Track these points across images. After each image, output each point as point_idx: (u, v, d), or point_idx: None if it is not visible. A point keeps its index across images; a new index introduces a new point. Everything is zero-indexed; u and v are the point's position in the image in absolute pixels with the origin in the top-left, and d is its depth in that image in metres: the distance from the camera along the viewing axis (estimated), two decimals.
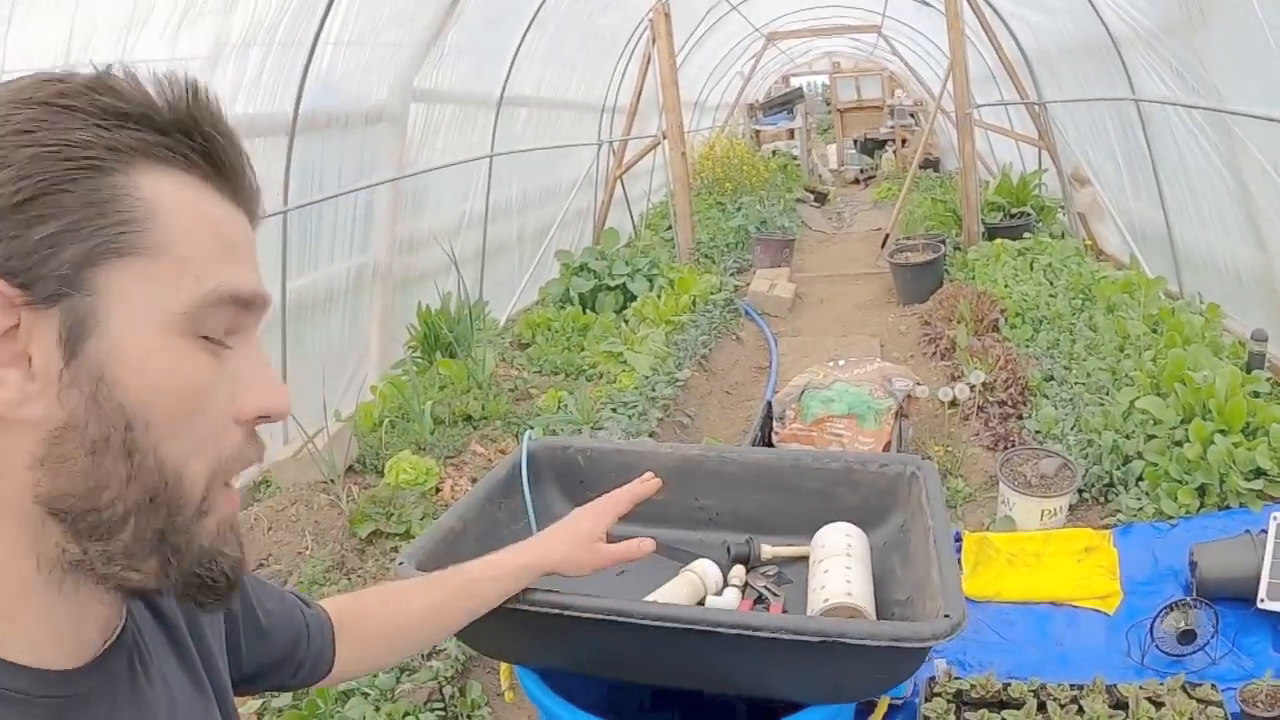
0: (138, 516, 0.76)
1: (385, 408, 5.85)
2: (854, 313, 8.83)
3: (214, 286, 0.77)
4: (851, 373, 4.91)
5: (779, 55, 21.74)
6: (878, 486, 2.18)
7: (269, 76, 5.04)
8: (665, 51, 9.28)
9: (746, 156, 14.71)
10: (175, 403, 0.76)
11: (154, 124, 0.76)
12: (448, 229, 7.63)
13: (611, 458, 2.37)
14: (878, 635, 1.55)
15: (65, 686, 0.82)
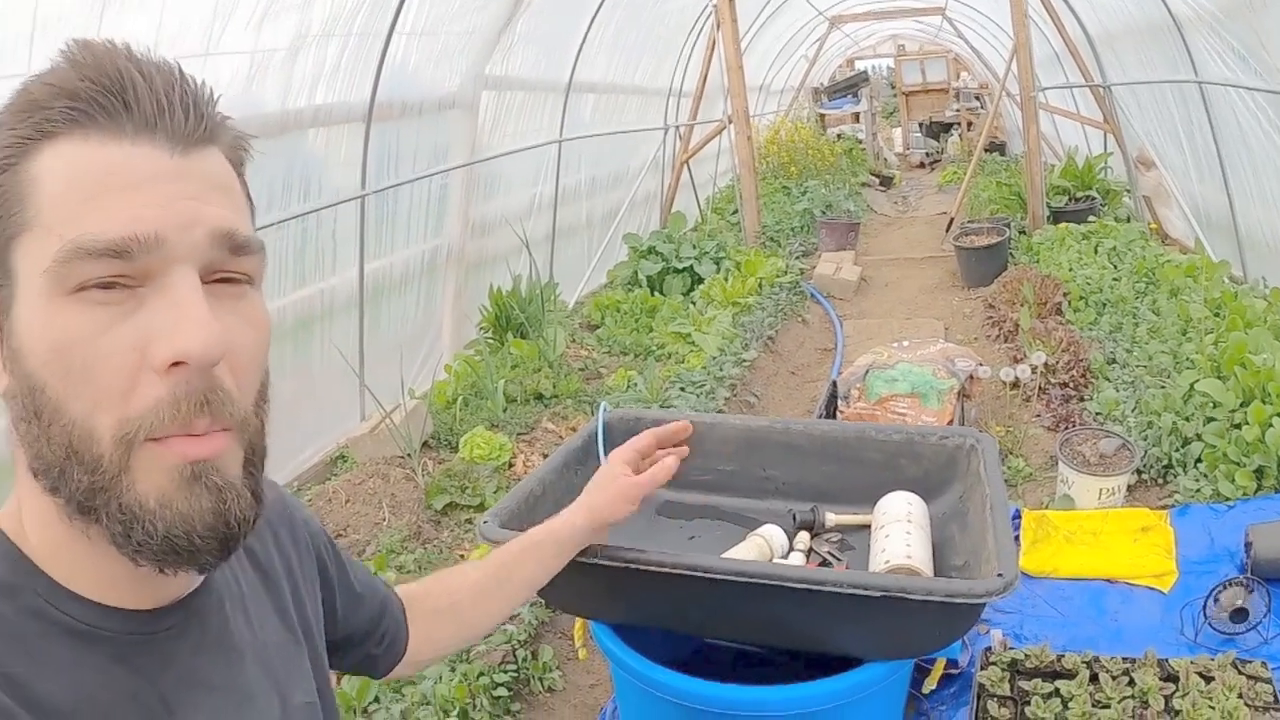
0: (63, 476, 0.80)
1: (459, 386, 5.99)
2: (918, 296, 8.82)
3: (71, 240, 0.76)
4: (915, 353, 4.96)
5: (843, 39, 21.49)
6: (938, 458, 2.23)
7: (346, 67, 5.17)
8: (730, 36, 9.29)
9: (812, 140, 14.64)
10: (62, 361, 0.78)
11: (44, 104, 0.79)
12: (518, 212, 7.74)
13: None
14: (934, 591, 1.61)
15: (144, 625, 0.89)
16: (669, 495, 2.46)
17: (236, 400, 0.84)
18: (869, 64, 25.34)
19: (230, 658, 0.98)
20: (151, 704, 0.88)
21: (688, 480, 2.47)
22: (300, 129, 5.04)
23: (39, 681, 0.80)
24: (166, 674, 0.90)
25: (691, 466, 2.45)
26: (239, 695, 0.98)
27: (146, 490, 0.80)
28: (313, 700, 1.12)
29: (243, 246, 0.85)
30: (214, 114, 0.85)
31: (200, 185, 0.82)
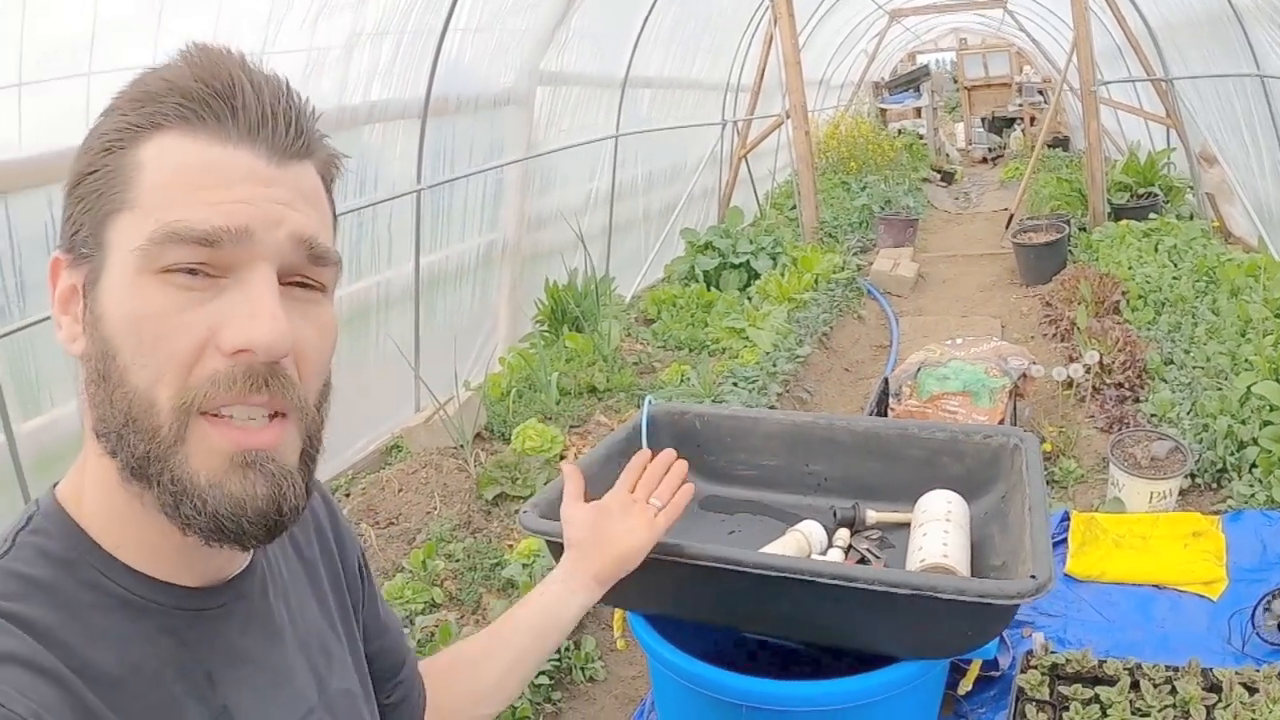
0: (121, 440, 0.85)
1: (513, 378, 6.04)
2: (976, 293, 8.76)
3: (166, 224, 0.82)
4: (968, 351, 4.94)
5: (904, 32, 21.32)
6: (981, 457, 2.22)
7: (401, 64, 5.23)
8: (787, 30, 9.24)
9: (871, 135, 14.56)
10: (136, 331, 0.83)
11: (159, 97, 0.85)
12: (575, 207, 7.77)
13: (726, 423, 2.47)
14: (965, 591, 1.61)
15: (197, 601, 0.94)
16: (712, 489, 2.48)
17: (298, 387, 0.90)
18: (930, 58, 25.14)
19: (272, 639, 1.03)
20: (196, 676, 0.92)
21: (731, 474, 2.49)
22: (356, 125, 5.10)
23: (92, 650, 0.84)
24: (213, 650, 0.95)
25: (735, 461, 2.48)
26: (279, 675, 1.02)
27: (198, 467, 0.85)
28: (351, 689, 1.16)
29: (321, 256, 0.91)
30: (313, 130, 0.91)
31: (291, 194, 0.88)
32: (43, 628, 0.82)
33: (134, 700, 0.86)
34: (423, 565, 3.93)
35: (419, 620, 3.60)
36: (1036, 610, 3.08)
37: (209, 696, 0.93)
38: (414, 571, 3.93)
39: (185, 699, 0.91)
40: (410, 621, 3.60)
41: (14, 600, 0.83)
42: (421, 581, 3.84)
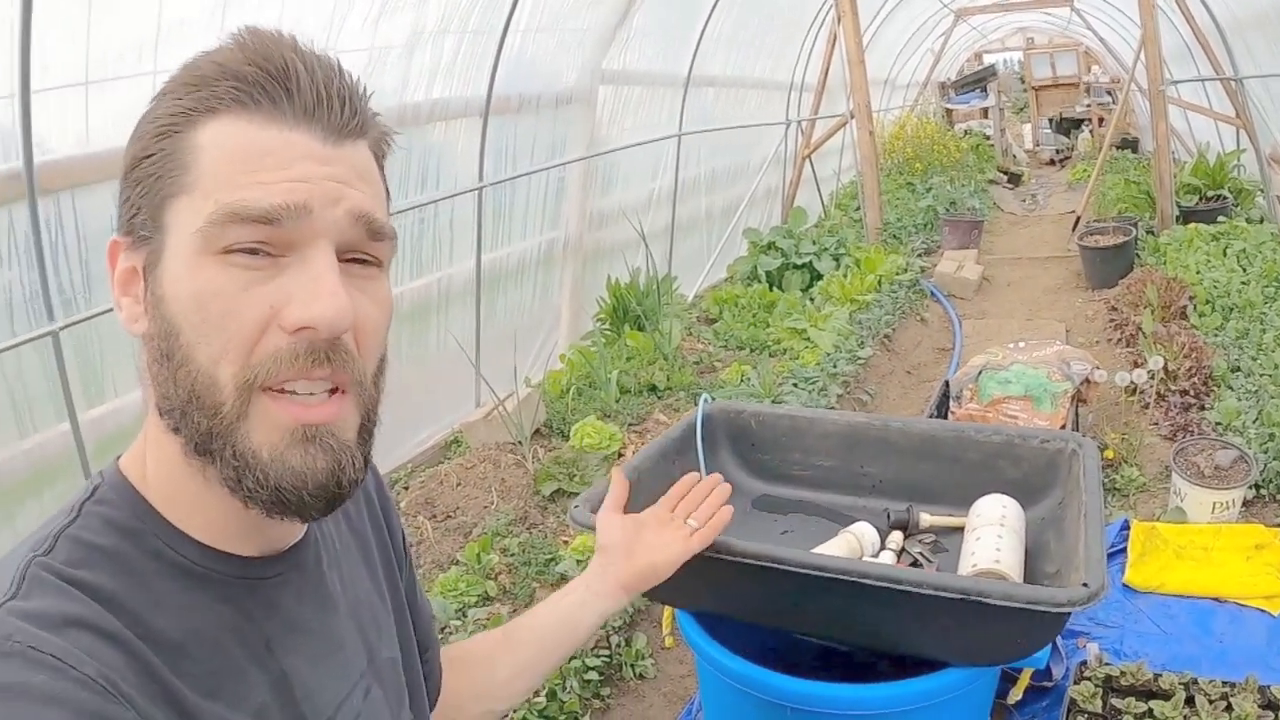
0: (186, 416, 0.88)
1: (573, 375, 6.07)
2: (1041, 296, 8.66)
3: (225, 204, 0.84)
4: (1030, 355, 4.88)
5: (970, 31, 21.07)
6: (1038, 462, 2.20)
7: (463, 62, 5.28)
8: (851, 29, 9.19)
9: (937, 136, 14.43)
10: (201, 310, 0.85)
11: (213, 81, 0.87)
12: (637, 206, 7.79)
13: (781, 422, 2.46)
14: (1015, 597, 1.58)
15: (256, 570, 0.98)
16: (766, 489, 2.48)
17: (358, 361, 0.92)
18: (997, 58, 24.84)
19: (326, 608, 1.07)
20: (254, 642, 0.96)
21: (785, 474, 2.48)
22: (418, 123, 5.16)
23: (154, 615, 0.87)
24: (271, 618, 0.98)
25: (790, 461, 2.48)
26: (332, 643, 1.06)
27: (260, 442, 0.88)
28: (396, 656, 1.20)
29: (378, 232, 0.93)
30: (366, 110, 0.93)
31: (348, 172, 0.90)
32: (108, 594, 0.85)
33: (196, 665, 0.89)
34: (477, 558, 3.97)
35: (471, 612, 3.63)
36: (1093, 620, 3.03)
37: (268, 662, 0.97)
38: (469, 564, 3.97)
39: (246, 664, 0.94)
40: (463, 614, 3.63)
41: (80, 567, 0.86)
42: (476, 574, 3.88)
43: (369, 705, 1.10)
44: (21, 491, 3.50)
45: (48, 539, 0.88)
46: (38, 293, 3.34)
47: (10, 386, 3.43)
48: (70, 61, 3.32)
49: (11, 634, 0.78)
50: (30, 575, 0.84)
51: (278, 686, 0.97)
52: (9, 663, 0.76)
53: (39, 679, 0.76)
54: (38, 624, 0.79)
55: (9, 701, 0.74)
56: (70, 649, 0.79)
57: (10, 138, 3.19)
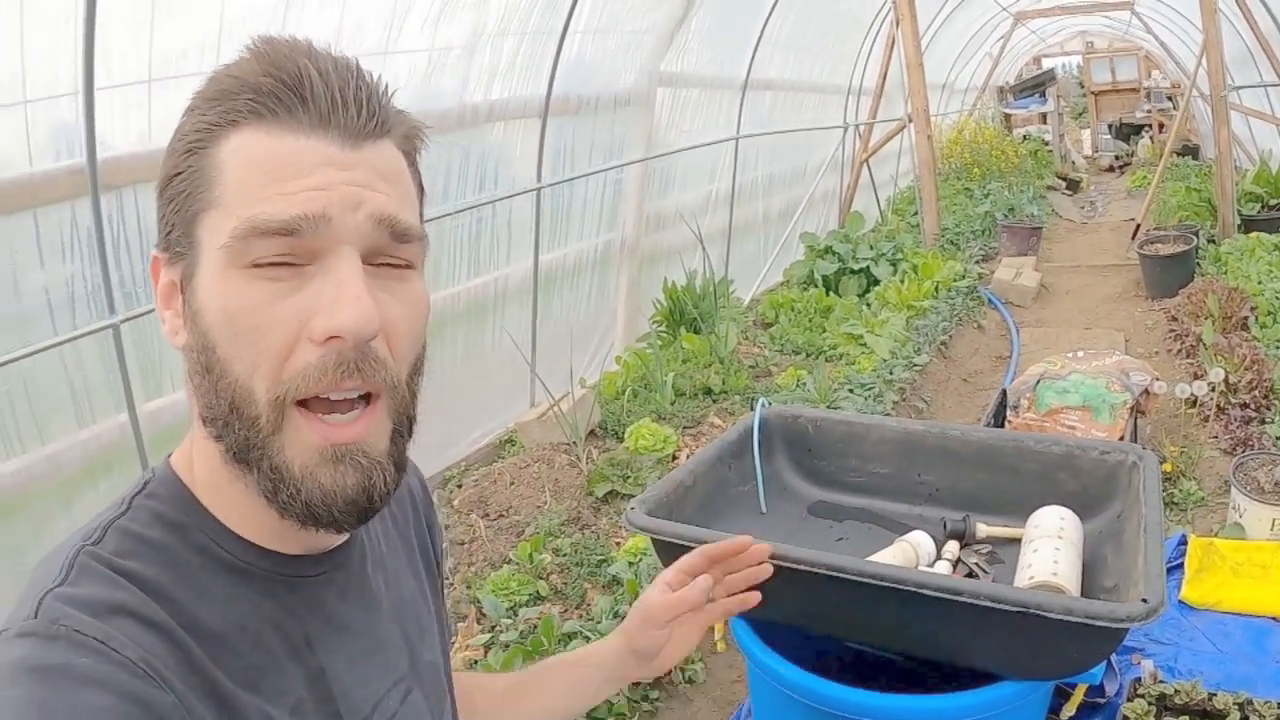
0: (226, 427, 0.90)
1: (628, 377, 6.09)
2: (1100, 305, 8.57)
3: (244, 220, 0.85)
4: (1089, 364, 4.83)
5: (1029, 35, 20.89)
6: (1097, 474, 2.18)
7: (522, 63, 5.32)
8: (909, 33, 9.16)
9: (995, 141, 14.33)
10: (231, 325, 0.87)
11: (232, 94, 0.88)
12: (694, 208, 7.79)
13: (838, 428, 2.45)
14: (1073, 611, 1.57)
15: (299, 568, 1.01)
16: (821, 495, 2.48)
17: (390, 367, 0.92)
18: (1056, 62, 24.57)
19: (369, 608, 1.09)
20: (295, 638, 0.98)
21: (841, 481, 2.48)
22: (477, 123, 5.20)
23: (198, 607, 0.90)
24: (312, 615, 1.01)
25: (846, 467, 2.47)
26: (374, 643, 1.08)
27: (292, 457, 0.90)
28: (438, 660, 1.22)
29: (404, 234, 0.92)
30: (387, 109, 0.93)
31: (368, 175, 0.90)
32: (153, 584, 0.88)
33: (236, 657, 0.92)
34: (530, 558, 3.99)
35: (522, 612, 3.66)
36: (1147, 637, 2.99)
37: (307, 658, 0.99)
38: (520, 564, 3.99)
39: (285, 659, 0.97)
40: (514, 612, 3.66)
41: (128, 558, 0.89)
42: (528, 574, 3.90)
43: (407, 707, 1.12)
44: (79, 480, 3.57)
45: (97, 529, 0.92)
46: (99, 286, 3.40)
47: (70, 377, 3.50)
48: (134, 59, 3.38)
49: (58, 618, 0.81)
50: (79, 563, 0.87)
51: (314, 683, 1.00)
52: (54, 645, 0.79)
53: (82, 661, 0.79)
54: (84, 609, 0.83)
55: (53, 681, 0.77)
56: (114, 634, 0.82)
57: (74, 134, 3.25)
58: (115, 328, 3.43)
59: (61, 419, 3.52)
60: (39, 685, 0.77)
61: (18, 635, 0.81)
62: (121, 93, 3.36)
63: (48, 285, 3.39)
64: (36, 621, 0.82)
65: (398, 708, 1.10)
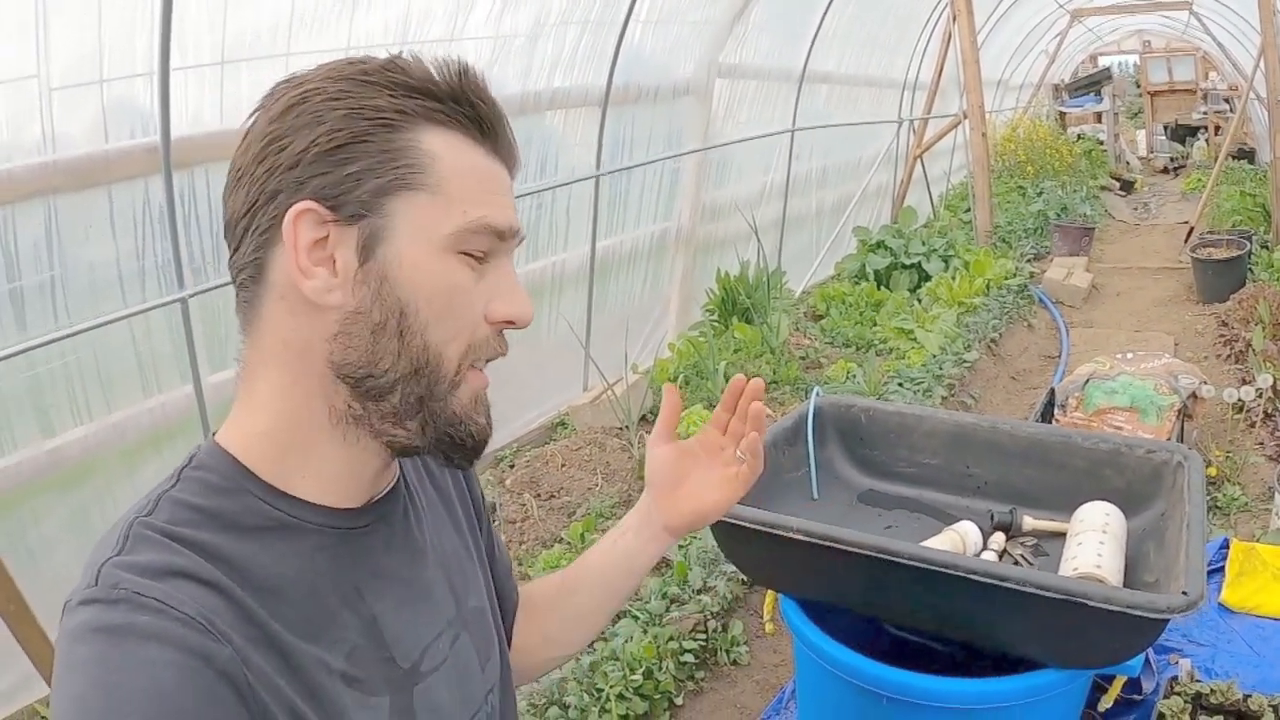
0: (404, 384, 1.01)
1: (681, 364, 6.14)
2: (1150, 308, 8.52)
3: (477, 218, 1.00)
4: (1138, 366, 4.85)
5: (1085, 33, 20.58)
6: (1143, 472, 2.21)
7: (584, 53, 5.39)
8: (966, 29, 9.10)
9: (1050, 139, 14.21)
10: (439, 300, 1.00)
11: (433, 95, 0.99)
12: (749, 199, 7.82)
13: (891, 419, 2.48)
14: (1115, 600, 1.61)
15: (346, 521, 1.07)
16: (871, 484, 2.53)
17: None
18: (1113, 60, 24.22)
19: (414, 557, 1.16)
20: (346, 588, 1.05)
21: (891, 471, 2.52)
22: (539, 110, 5.28)
23: (251, 565, 0.97)
24: (360, 565, 1.08)
25: (897, 457, 2.51)
26: (420, 589, 1.15)
27: (460, 404, 1.05)
28: (483, 606, 1.29)
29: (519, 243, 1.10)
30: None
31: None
32: (207, 546, 0.95)
33: (292, 609, 0.98)
34: (581, 538, 4.06)
35: None
36: (1186, 638, 3.01)
37: (359, 607, 1.06)
38: (572, 543, 4.06)
39: (338, 608, 1.04)
40: None
41: (180, 525, 0.96)
42: (578, 554, 3.96)
43: (457, 651, 1.19)
44: (144, 448, 3.67)
45: (150, 501, 0.98)
46: (169, 261, 3.50)
47: (138, 348, 3.60)
48: (208, 42, 3.46)
49: (118, 583, 0.88)
50: (134, 533, 0.94)
51: (369, 630, 1.06)
52: (116, 608, 0.86)
53: (143, 619, 0.86)
54: (142, 574, 0.89)
55: (117, 640, 0.84)
56: (172, 593, 0.88)
57: (149, 113, 3.34)
58: (184, 301, 3.53)
59: (128, 388, 3.62)
60: (104, 643, 0.84)
61: (80, 603, 0.88)
62: (196, 73, 3.45)
63: (119, 259, 3.49)
64: (97, 588, 0.88)
65: (447, 652, 1.17)
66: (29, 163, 3.16)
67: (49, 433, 3.43)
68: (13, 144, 3.14)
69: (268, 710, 0.92)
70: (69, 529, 3.49)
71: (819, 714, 2.24)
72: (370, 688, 1.05)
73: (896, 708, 1.92)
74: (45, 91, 3.13)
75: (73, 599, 0.89)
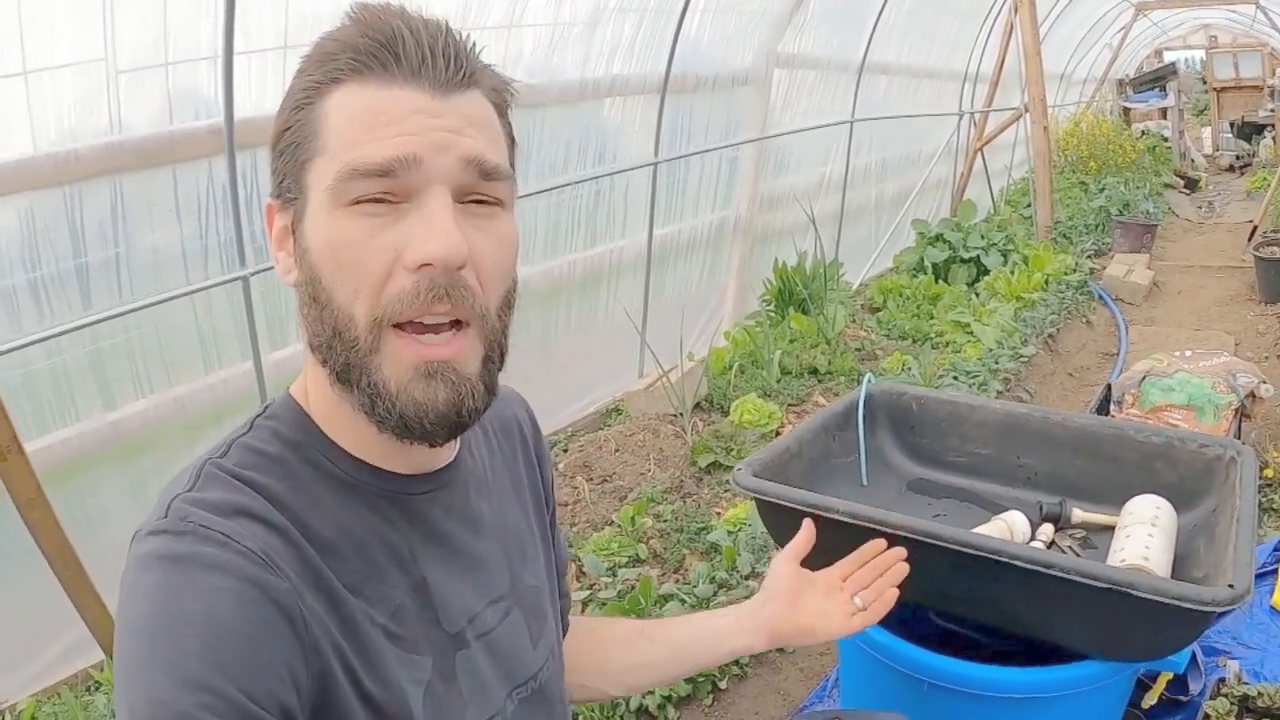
0: (330, 350, 1.00)
1: (736, 353, 6.15)
2: (1212, 307, 8.40)
3: (345, 163, 0.95)
4: (1196, 364, 4.80)
5: (1150, 27, 20.24)
6: (1195, 466, 2.20)
7: (643, 41, 5.39)
8: (1028, 20, 8.97)
9: (1113, 135, 14.01)
10: (335, 258, 0.97)
11: (334, 55, 0.98)
12: (807, 190, 7.79)
13: (943, 407, 2.51)
14: (1161, 591, 1.61)
15: (405, 486, 1.11)
16: (921, 473, 2.54)
17: (479, 297, 1.01)
18: (1178, 56, 23.82)
19: (471, 529, 1.20)
20: (399, 549, 1.10)
21: (942, 460, 2.53)
22: (597, 98, 5.29)
23: (310, 515, 1.02)
24: (415, 529, 1.12)
25: (948, 447, 2.53)
26: (473, 560, 1.19)
27: (389, 375, 0.99)
28: (540, 586, 1.32)
29: (491, 172, 1.01)
30: (474, 62, 1.02)
31: (457, 121, 0.99)
32: (272, 492, 1.01)
33: (344, 562, 1.03)
34: (631, 521, 4.09)
35: (621, 572, 3.75)
36: (1236, 640, 3.01)
37: (410, 568, 1.10)
38: (622, 526, 4.09)
39: (389, 567, 1.08)
40: (613, 572, 3.76)
41: (249, 469, 1.02)
42: (628, 537, 4.00)
43: (507, 625, 1.22)
44: (204, 422, 3.74)
45: (223, 445, 1.05)
46: (231, 240, 3.56)
47: (200, 325, 3.67)
48: (270, 27, 3.52)
49: (187, 516, 0.94)
50: (205, 473, 1.01)
51: (417, 590, 1.10)
52: (183, 539, 0.92)
53: (208, 550, 0.91)
54: (209, 510, 0.95)
55: (183, 567, 0.90)
56: (237, 529, 0.94)
57: (213, 96, 3.41)
58: (245, 280, 3.60)
59: (190, 364, 3.70)
60: (169, 570, 0.90)
61: (149, 533, 0.94)
62: (259, 58, 3.50)
63: (183, 237, 3.55)
64: (166, 520, 0.94)
65: (496, 624, 1.20)
66: (95, 143, 3.22)
67: (111, 405, 3.50)
68: (80, 125, 3.19)
69: (319, 646, 0.97)
70: (127, 499, 3.57)
71: (861, 700, 2.27)
72: (412, 646, 1.09)
73: (938, 694, 1.94)
74: (112, 75, 3.18)
75: (142, 529, 0.96)
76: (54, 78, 3.07)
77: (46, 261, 3.21)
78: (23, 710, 3.21)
